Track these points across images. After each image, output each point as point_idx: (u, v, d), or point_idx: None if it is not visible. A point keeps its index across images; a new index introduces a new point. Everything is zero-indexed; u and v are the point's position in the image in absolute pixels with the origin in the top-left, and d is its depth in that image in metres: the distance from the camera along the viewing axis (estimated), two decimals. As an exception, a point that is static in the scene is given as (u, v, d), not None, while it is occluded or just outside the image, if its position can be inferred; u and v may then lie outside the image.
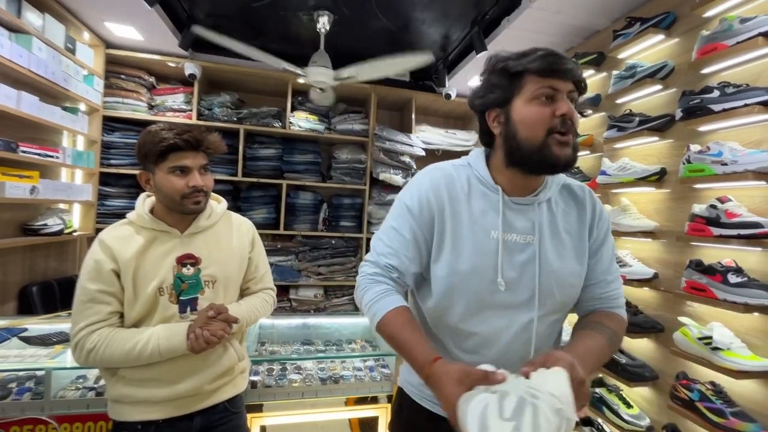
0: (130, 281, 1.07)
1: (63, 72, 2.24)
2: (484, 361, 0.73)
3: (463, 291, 0.82)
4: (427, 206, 0.85)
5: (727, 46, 1.36)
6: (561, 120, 0.75)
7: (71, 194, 2.45)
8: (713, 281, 1.36)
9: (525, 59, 0.77)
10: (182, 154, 1.10)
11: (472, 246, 0.81)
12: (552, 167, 0.78)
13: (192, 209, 1.13)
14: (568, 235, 0.85)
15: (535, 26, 2.11)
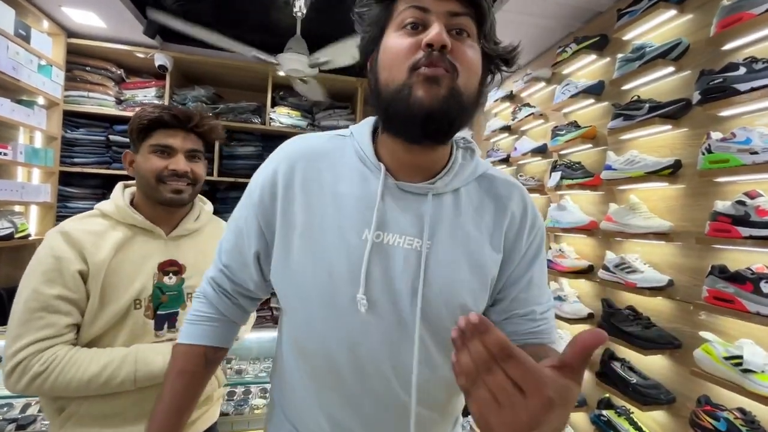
0: (99, 288, 0.87)
1: (11, 60, 2.03)
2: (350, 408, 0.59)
3: (314, 311, 0.59)
4: (270, 192, 0.62)
5: (755, 15, 1.16)
6: (427, 51, 0.51)
7: (25, 195, 2.23)
8: (743, 291, 1.16)
9: None
10: (169, 132, 0.95)
11: (334, 248, 0.58)
12: (412, 121, 0.53)
13: (169, 198, 0.94)
14: (474, 245, 0.60)
15: (528, 8, 1.92)
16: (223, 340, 0.71)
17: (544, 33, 2.15)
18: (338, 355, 0.59)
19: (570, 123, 1.99)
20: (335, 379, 0.60)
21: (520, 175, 2.48)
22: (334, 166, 0.62)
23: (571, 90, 1.95)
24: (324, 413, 0.63)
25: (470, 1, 0.53)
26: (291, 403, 0.68)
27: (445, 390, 0.63)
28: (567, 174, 1.95)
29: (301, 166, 0.62)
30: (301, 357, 0.64)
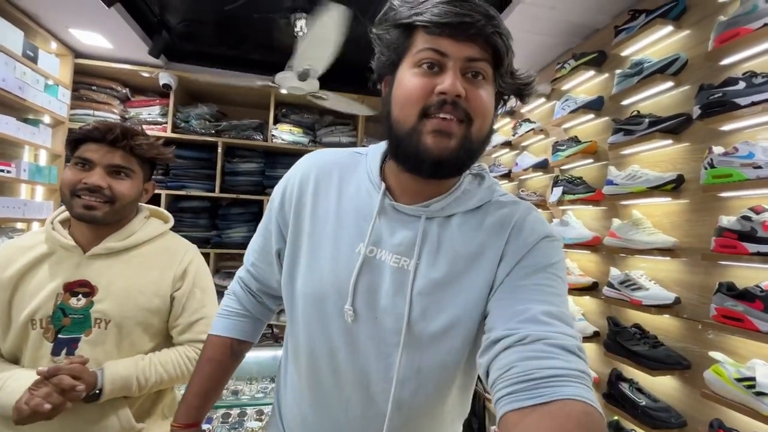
0: (5, 302, 0.88)
1: (17, 80, 2.07)
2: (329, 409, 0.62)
3: (312, 316, 0.62)
4: (289, 198, 0.66)
5: (752, 30, 1.16)
6: (440, 99, 0.52)
7: (27, 212, 2.24)
8: (752, 309, 1.12)
9: (418, 7, 0.54)
10: (92, 146, 0.92)
11: (329, 258, 0.61)
12: (419, 165, 0.54)
13: (80, 213, 0.90)
14: (465, 266, 0.57)
15: (528, 25, 1.94)
16: (248, 335, 0.77)
17: (542, 49, 2.17)
18: (320, 359, 0.61)
19: (570, 138, 1.99)
20: (315, 380, 0.63)
21: (522, 190, 2.46)
22: (344, 179, 0.64)
23: (570, 105, 1.95)
24: (301, 412, 0.66)
25: (489, 46, 0.53)
26: (284, 401, 0.71)
27: (422, 412, 0.61)
28: (568, 189, 1.93)
29: (314, 176, 0.65)
30: (293, 356, 0.68)
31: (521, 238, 0.58)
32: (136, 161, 0.98)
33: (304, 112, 3.10)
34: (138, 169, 0.99)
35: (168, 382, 0.96)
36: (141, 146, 0.97)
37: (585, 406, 0.40)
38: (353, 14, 2.06)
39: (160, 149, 1.02)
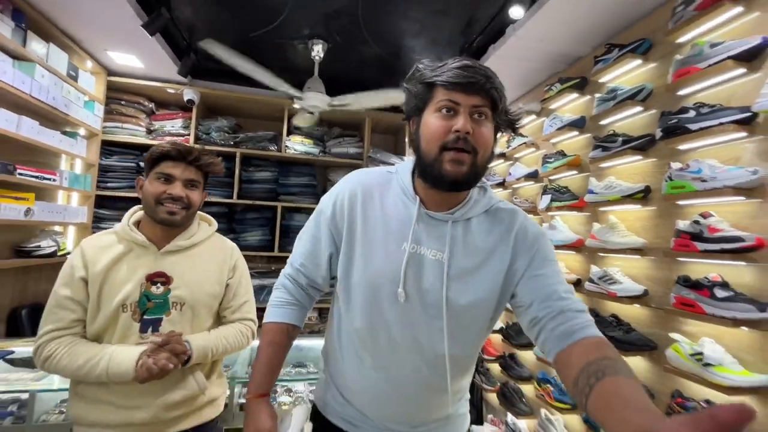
0: (96, 292, 1.06)
1: (64, 98, 2.30)
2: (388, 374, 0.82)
3: (370, 300, 0.81)
4: (341, 209, 0.85)
5: (700, 69, 1.43)
6: (455, 136, 0.73)
7: (67, 216, 2.46)
8: (701, 296, 1.37)
9: (437, 70, 0.76)
10: (171, 164, 1.14)
11: (382, 255, 0.81)
12: (441, 184, 0.76)
13: (164, 218, 1.11)
14: (484, 254, 0.81)
15: (519, 54, 2.21)
16: (298, 321, 0.93)
17: (533, 73, 2.44)
18: (378, 332, 0.82)
19: (557, 152, 2.25)
20: (374, 349, 0.83)
21: (515, 197, 2.72)
22: (384, 194, 0.85)
23: (557, 123, 2.22)
24: (363, 376, 0.85)
25: (488, 96, 0.75)
26: (338, 372, 0.90)
27: (463, 362, 0.85)
28: (556, 197, 2.18)
29: (360, 193, 0.85)
30: (348, 335, 0.87)
31: (528, 240, 0.82)
32: (201, 175, 1.22)
33: (314, 125, 3.34)
34: (202, 181, 1.22)
35: (229, 351, 1.19)
36: (208, 164, 1.21)
37: (597, 337, 0.70)
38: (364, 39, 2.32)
39: (219, 165, 1.26)
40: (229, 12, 2.21)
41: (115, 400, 1.05)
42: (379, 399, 0.85)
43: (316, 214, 0.92)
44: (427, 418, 0.88)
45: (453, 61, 0.76)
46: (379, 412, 0.86)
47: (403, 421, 0.87)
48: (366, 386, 0.86)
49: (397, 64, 2.73)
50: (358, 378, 0.86)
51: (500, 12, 2.02)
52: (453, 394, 0.86)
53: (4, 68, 1.85)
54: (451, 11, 2.09)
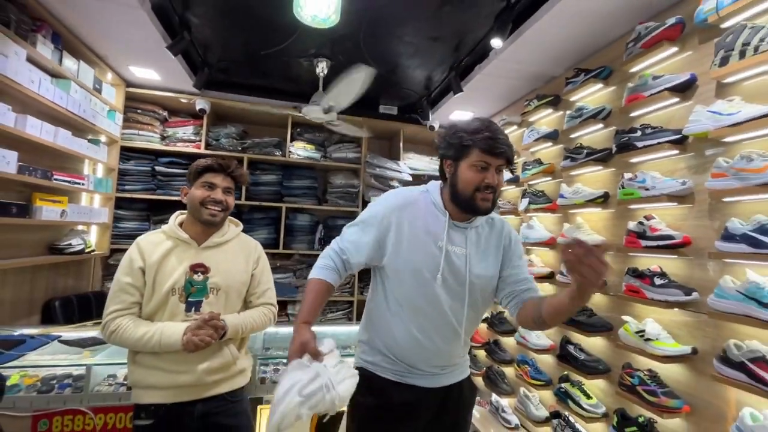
0: (151, 279, 1.33)
1: (92, 109, 2.54)
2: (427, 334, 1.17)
3: (416, 280, 1.16)
4: (388, 218, 1.19)
5: (645, 96, 1.72)
6: (486, 185, 1.10)
7: (92, 217, 2.70)
8: (644, 284, 1.67)
9: (475, 136, 1.10)
10: (214, 174, 1.41)
11: (423, 250, 1.16)
12: (475, 212, 1.15)
13: (207, 219, 1.38)
14: (488, 250, 1.22)
15: (501, 73, 2.50)
16: (334, 282, 1.20)
17: (514, 89, 2.73)
18: (423, 305, 1.18)
19: (535, 160, 2.54)
20: (420, 315, 1.18)
21: (500, 200, 3.01)
22: (421, 208, 1.20)
23: (534, 135, 2.51)
24: (410, 334, 1.19)
25: (507, 158, 1.11)
26: (386, 334, 1.22)
27: (473, 323, 1.26)
28: (533, 200, 2.48)
29: (406, 205, 1.20)
30: (406, 302, 1.19)
31: (512, 240, 1.26)
32: (234, 183, 1.48)
33: (316, 131, 3.60)
34: (234, 188, 1.49)
35: (255, 330, 1.46)
36: (240, 175, 1.48)
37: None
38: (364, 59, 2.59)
39: (246, 176, 1.53)
40: (243, 33, 2.46)
41: (166, 366, 1.31)
42: (421, 352, 1.19)
43: (370, 216, 1.22)
44: (449, 362, 1.25)
45: (485, 130, 1.10)
46: (421, 362, 1.20)
47: (437, 365, 1.22)
48: (412, 345, 1.19)
49: (394, 79, 3.00)
50: (407, 338, 1.19)
51: (484, 38, 2.30)
52: (464, 345, 1.26)
53: (47, 86, 2.09)
54: (442, 37, 2.37)
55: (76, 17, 2.17)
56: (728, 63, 1.38)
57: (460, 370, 1.30)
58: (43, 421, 1.55)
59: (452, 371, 1.27)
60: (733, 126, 1.35)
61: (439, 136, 1.22)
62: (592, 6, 1.80)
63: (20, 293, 2.26)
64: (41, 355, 1.74)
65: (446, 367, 1.25)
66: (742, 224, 1.32)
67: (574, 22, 1.93)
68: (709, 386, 1.44)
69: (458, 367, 1.29)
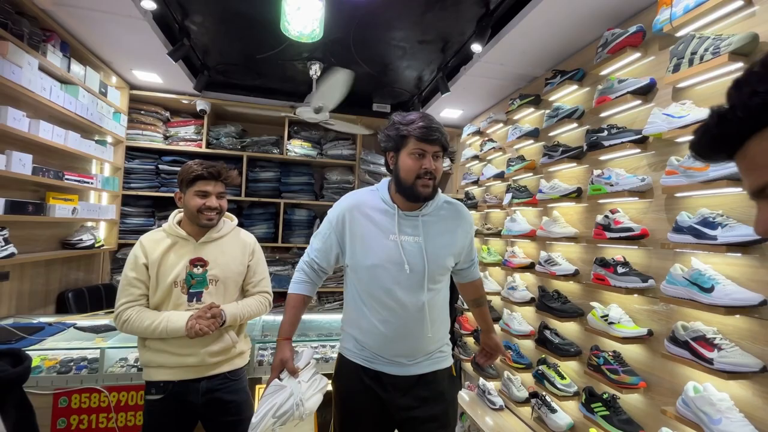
0: (155, 273, 1.47)
1: (98, 112, 2.69)
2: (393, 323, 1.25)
3: (373, 275, 1.24)
4: (342, 220, 1.30)
5: (611, 98, 1.85)
6: (425, 171, 1.18)
7: (100, 214, 2.87)
8: (608, 272, 1.81)
9: (410, 126, 1.19)
10: (205, 182, 1.52)
11: (378, 245, 1.24)
12: (417, 198, 1.22)
13: (205, 223, 1.52)
14: (445, 234, 1.29)
15: (486, 73, 2.62)
16: (310, 293, 1.37)
17: (499, 88, 2.85)
18: (383, 298, 1.25)
19: (518, 156, 2.67)
20: (382, 308, 1.26)
21: (487, 194, 3.15)
22: (371, 206, 1.28)
23: (517, 132, 2.64)
24: (373, 325, 1.27)
25: (442, 144, 1.21)
26: (356, 328, 1.31)
27: (438, 309, 1.31)
28: (516, 195, 2.62)
29: (356, 206, 1.29)
30: (367, 296, 1.28)
31: (470, 226, 1.36)
32: (225, 186, 1.61)
33: (312, 129, 3.74)
34: (225, 190, 1.63)
35: (252, 316, 1.61)
36: (231, 178, 1.61)
37: (479, 279, 1.52)
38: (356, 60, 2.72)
39: (237, 177, 1.67)
40: (239, 39, 2.59)
41: (172, 350, 1.46)
42: (385, 343, 1.26)
43: (327, 222, 1.35)
44: (418, 352, 1.29)
45: (419, 120, 1.19)
46: (386, 351, 1.27)
47: (403, 354, 1.27)
48: (376, 334, 1.27)
49: (385, 79, 3.12)
50: (370, 329, 1.28)
51: (468, 41, 2.42)
52: (431, 335, 1.28)
53: (57, 93, 2.24)
54: (428, 40, 2.49)
55: (83, 27, 2.31)
56: (680, 70, 1.51)
57: (433, 361, 1.31)
58: (63, 399, 1.72)
59: (422, 362, 1.29)
60: (683, 128, 1.49)
61: (381, 131, 1.28)
62: (565, 12, 1.91)
63: (37, 285, 2.43)
64: (58, 341, 1.91)
65: (414, 357, 1.28)
66: (689, 217, 1.46)
67: (549, 27, 2.05)
68: (662, 364, 1.59)
69: (431, 358, 1.31)
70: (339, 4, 2.02)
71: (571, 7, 1.87)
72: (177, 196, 1.55)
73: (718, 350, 1.32)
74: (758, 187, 0.44)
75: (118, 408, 1.76)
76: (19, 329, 1.88)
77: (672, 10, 1.55)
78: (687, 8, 1.49)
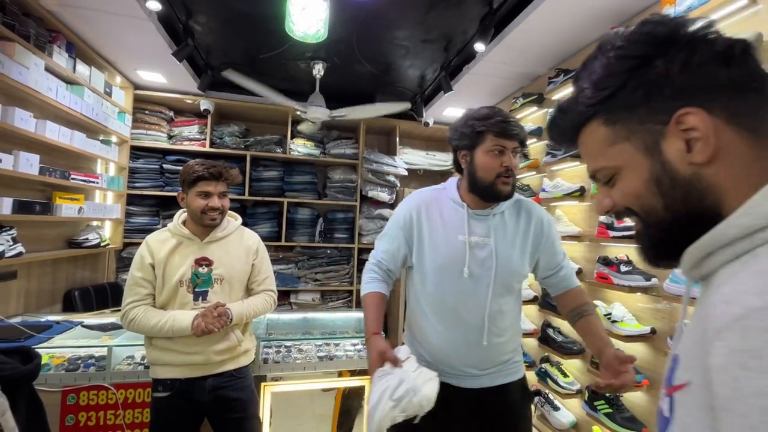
0: (161, 273, 1.48)
1: (104, 112, 2.71)
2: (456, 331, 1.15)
3: (441, 277, 1.16)
4: (409, 219, 1.23)
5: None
6: (505, 169, 1.10)
7: (106, 213, 2.89)
8: (611, 271, 1.82)
9: (487, 122, 1.10)
10: (207, 183, 1.51)
11: (445, 246, 1.16)
12: (497, 198, 1.14)
13: (209, 223, 1.52)
14: (517, 235, 1.18)
15: (488, 72, 2.62)
16: (386, 291, 1.25)
17: (502, 87, 2.86)
18: (451, 302, 1.16)
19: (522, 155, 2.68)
20: (449, 314, 1.16)
21: (489, 193, 3.15)
22: (440, 204, 1.21)
23: (520, 132, 2.64)
24: (439, 332, 1.18)
25: (520, 140, 1.12)
26: (421, 337, 1.23)
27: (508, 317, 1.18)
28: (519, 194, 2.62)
29: (424, 205, 1.22)
30: (427, 302, 1.20)
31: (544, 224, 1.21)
32: (227, 185, 1.61)
33: (315, 129, 3.74)
34: (227, 189, 1.63)
35: (258, 314, 1.62)
36: (232, 177, 1.61)
37: (578, 287, 1.24)
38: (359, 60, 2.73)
39: (238, 176, 1.66)
40: (243, 39, 2.60)
41: (179, 348, 1.48)
42: (451, 351, 1.17)
43: (393, 222, 1.27)
44: (488, 362, 1.19)
45: (495, 115, 1.12)
46: (453, 361, 1.18)
47: (472, 365, 1.18)
48: (441, 344, 1.18)
49: (387, 78, 3.13)
50: (436, 338, 1.19)
51: (471, 40, 2.42)
52: (500, 345, 1.18)
53: (63, 93, 2.26)
54: (431, 39, 2.49)
55: (88, 28, 2.32)
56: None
57: (504, 373, 1.21)
58: (71, 396, 1.74)
59: (493, 373, 1.19)
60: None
61: (451, 129, 1.20)
62: (567, 11, 1.92)
63: (44, 284, 2.46)
64: (66, 339, 1.93)
65: (485, 368, 1.18)
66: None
67: (552, 26, 2.05)
68: (664, 362, 1.59)
69: (503, 370, 1.21)
70: (343, 4, 2.03)
71: (574, 6, 1.87)
72: (180, 197, 1.56)
73: (721, 348, 1.33)
74: (590, 172, 0.52)
75: (126, 405, 1.78)
76: (27, 327, 1.90)
77: (676, 8, 1.55)
78: (690, 7, 1.49)
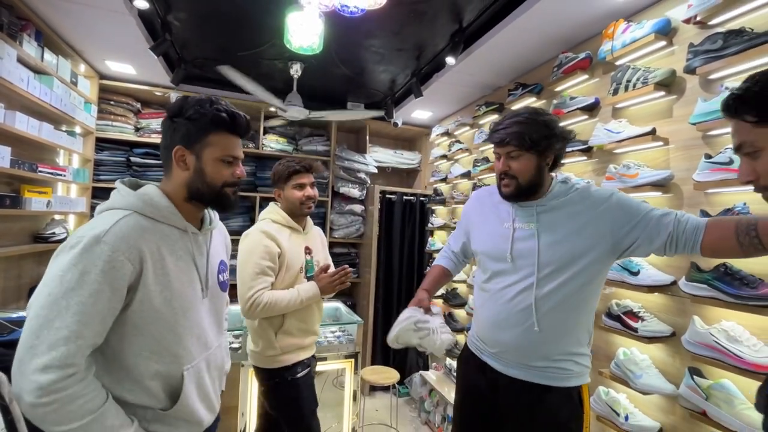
0: (285, 261, 1.64)
1: (71, 103, 2.63)
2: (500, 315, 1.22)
3: (488, 263, 1.29)
4: (467, 212, 1.49)
5: (563, 112, 2.16)
6: (500, 172, 1.23)
7: (71, 207, 2.81)
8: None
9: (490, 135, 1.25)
10: (300, 175, 1.71)
11: (491, 231, 1.30)
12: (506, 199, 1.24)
13: (306, 212, 1.74)
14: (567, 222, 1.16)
15: (456, 81, 2.87)
16: (452, 268, 1.53)
17: (467, 95, 3.12)
18: (497, 288, 1.24)
19: (483, 158, 2.96)
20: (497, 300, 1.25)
21: (454, 191, 3.43)
22: (491, 199, 1.35)
23: (482, 136, 2.92)
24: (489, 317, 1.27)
25: (513, 144, 1.17)
26: (476, 312, 1.38)
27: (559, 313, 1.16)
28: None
29: (480, 200, 1.43)
30: (482, 289, 1.33)
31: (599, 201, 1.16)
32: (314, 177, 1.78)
33: (287, 125, 3.82)
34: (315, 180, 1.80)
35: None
36: (320, 169, 1.81)
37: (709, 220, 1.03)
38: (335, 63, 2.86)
39: (321, 167, 1.87)
40: (221, 36, 2.64)
41: (309, 327, 1.72)
42: (493, 333, 1.25)
43: (461, 217, 1.53)
44: (528, 361, 1.18)
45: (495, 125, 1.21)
46: (494, 344, 1.25)
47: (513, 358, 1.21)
48: (486, 325, 1.28)
49: (361, 80, 3.28)
50: (483, 319, 1.30)
51: (441, 52, 2.65)
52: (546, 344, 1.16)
53: (33, 84, 2.19)
54: (405, 49, 2.69)
55: (60, 16, 2.26)
56: (618, 93, 1.83)
57: (547, 376, 1.17)
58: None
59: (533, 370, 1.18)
60: (619, 141, 1.81)
61: None
62: (527, 34, 2.19)
63: (9, 280, 2.38)
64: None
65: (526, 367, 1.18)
66: (623, 215, 1.80)
67: (514, 45, 2.33)
68: (600, 335, 1.93)
69: (546, 372, 1.17)
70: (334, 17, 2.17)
71: (532, 31, 2.15)
72: (276, 194, 1.74)
73: (641, 321, 1.66)
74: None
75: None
76: (9, 323, 1.87)
77: (613, 43, 1.87)
78: (624, 43, 1.81)
